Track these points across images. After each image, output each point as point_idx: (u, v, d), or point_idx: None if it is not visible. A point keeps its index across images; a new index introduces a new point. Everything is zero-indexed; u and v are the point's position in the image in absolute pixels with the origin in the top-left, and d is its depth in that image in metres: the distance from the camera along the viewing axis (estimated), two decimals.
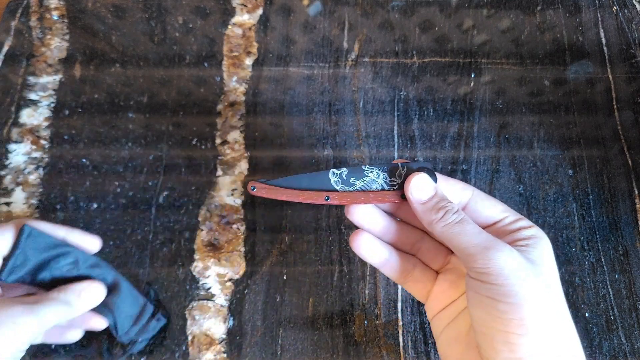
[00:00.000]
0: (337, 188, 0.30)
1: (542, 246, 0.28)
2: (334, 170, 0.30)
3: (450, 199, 0.29)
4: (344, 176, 0.30)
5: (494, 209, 0.30)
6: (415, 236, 0.33)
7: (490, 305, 0.26)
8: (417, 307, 0.43)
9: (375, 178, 0.30)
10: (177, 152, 0.47)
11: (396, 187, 0.30)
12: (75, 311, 0.33)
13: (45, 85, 0.49)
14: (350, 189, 0.30)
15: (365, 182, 0.30)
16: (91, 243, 0.36)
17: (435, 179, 0.30)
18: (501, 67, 0.52)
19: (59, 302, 0.32)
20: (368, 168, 0.30)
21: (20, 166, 0.46)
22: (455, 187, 0.30)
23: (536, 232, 0.28)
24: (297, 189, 0.30)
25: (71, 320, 0.34)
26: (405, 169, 0.30)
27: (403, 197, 0.30)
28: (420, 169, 0.30)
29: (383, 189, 0.30)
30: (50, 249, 0.32)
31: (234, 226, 0.45)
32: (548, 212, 0.46)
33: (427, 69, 0.52)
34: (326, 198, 0.30)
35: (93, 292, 0.34)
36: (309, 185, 0.30)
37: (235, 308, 0.42)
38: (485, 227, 0.30)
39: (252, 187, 0.29)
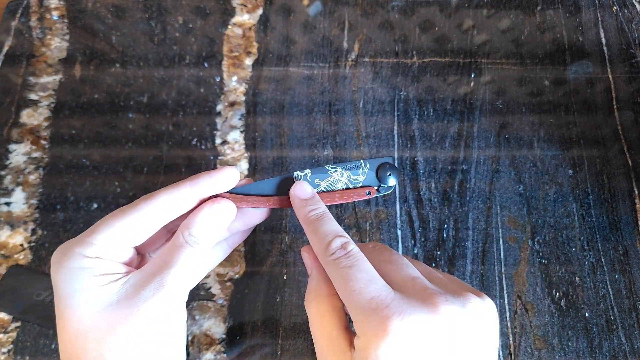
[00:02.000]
0: None
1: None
2: (298, 172, 0.30)
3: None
4: (308, 178, 0.30)
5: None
6: None
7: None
8: None
9: (339, 177, 0.30)
10: (177, 152, 0.47)
11: (359, 184, 0.30)
12: (208, 245, 0.27)
13: (45, 85, 0.49)
14: (315, 190, 0.30)
15: (329, 182, 0.30)
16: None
17: (397, 174, 0.30)
18: (501, 67, 0.52)
19: (185, 245, 0.26)
20: (331, 167, 0.30)
21: (20, 166, 0.46)
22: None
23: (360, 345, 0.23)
24: (262, 195, 0.29)
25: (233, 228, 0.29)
26: (367, 165, 0.30)
27: (368, 194, 0.30)
28: (383, 165, 0.30)
29: (347, 188, 0.30)
30: None
31: None
32: (548, 212, 0.46)
33: (427, 69, 0.52)
34: None
35: (220, 209, 0.28)
36: (274, 190, 0.30)
37: (235, 308, 0.42)
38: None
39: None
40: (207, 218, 0.27)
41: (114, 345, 0.24)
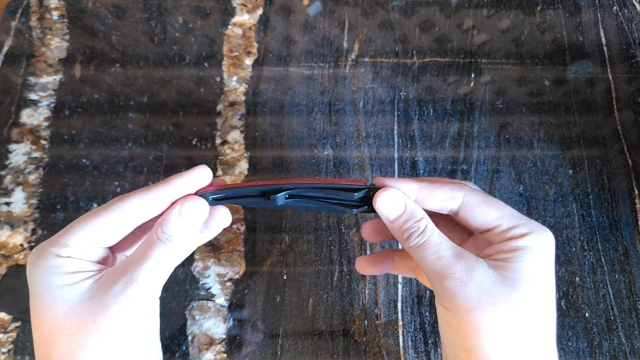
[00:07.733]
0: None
1: (530, 259, 0.26)
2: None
3: (420, 214, 0.28)
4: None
5: (486, 217, 0.28)
6: None
7: (445, 328, 0.27)
8: (417, 307, 0.43)
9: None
10: (177, 152, 0.47)
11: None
12: (181, 242, 0.27)
13: (45, 85, 0.49)
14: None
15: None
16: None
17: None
18: (501, 67, 0.52)
19: (157, 242, 0.26)
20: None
21: (20, 166, 0.46)
22: (442, 197, 0.28)
23: (527, 242, 0.26)
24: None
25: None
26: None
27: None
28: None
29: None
30: None
31: (234, 226, 0.45)
32: (548, 212, 0.46)
33: (427, 69, 0.52)
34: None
35: (192, 206, 0.27)
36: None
37: (235, 308, 0.42)
38: (480, 234, 0.29)
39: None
40: (178, 215, 0.27)
41: (85, 341, 0.24)
